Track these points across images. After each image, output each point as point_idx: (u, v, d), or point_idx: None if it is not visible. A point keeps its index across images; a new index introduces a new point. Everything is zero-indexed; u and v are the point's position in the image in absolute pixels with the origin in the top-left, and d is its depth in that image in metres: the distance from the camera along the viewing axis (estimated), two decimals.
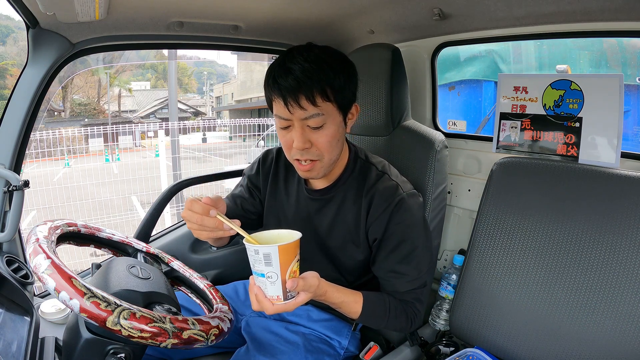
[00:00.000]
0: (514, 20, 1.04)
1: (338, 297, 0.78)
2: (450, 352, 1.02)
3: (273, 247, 0.61)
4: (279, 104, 0.76)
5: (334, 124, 0.78)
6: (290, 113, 0.75)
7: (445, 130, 1.36)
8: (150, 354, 0.91)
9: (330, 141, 0.79)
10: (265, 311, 0.66)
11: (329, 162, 0.82)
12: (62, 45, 1.01)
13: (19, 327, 0.77)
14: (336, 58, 0.78)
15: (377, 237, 0.86)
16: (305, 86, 0.73)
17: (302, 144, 0.77)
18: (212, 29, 1.20)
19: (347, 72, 0.79)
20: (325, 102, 0.75)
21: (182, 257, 1.37)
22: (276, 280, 0.63)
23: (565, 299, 0.85)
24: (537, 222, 0.92)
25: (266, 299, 0.65)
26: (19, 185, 0.98)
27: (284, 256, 0.62)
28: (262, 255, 0.61)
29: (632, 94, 1.98)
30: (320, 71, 0.74)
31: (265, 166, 1.01)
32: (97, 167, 6.39)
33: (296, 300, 0.66)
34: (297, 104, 0.74)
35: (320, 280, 0.72)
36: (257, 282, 0.66)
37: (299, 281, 0.65)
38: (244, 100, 17.78)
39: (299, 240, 0.64)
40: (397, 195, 0.84)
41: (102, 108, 19.29)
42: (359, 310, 0.81)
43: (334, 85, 0.76)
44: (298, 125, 0.76)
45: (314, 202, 0.93)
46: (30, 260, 0.61)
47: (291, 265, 0.63)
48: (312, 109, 0.74)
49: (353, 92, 0.82)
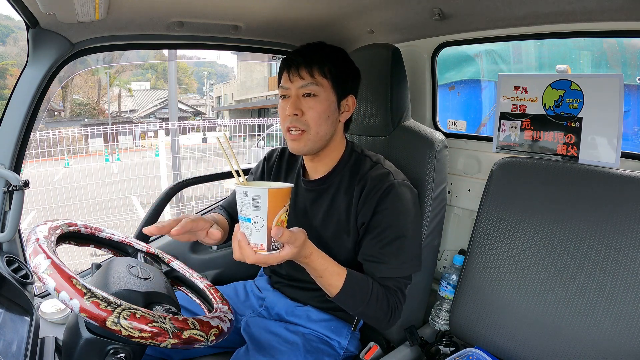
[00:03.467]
0: (514, 20, 1.04)
1: (322, 263, 0.75)
2: (450, 352, 1.03)
3: (263, 190, 0.60)
4: (284, 76, 0.89)
5: (326, 99, 0.87)
6: (290, 82, 0.87)
7: (445, 130, 1.36)
8: (150, 354, 0.91)
9: (319, 114, 0.87)
10: (247, 259, 0.64)
11: (315, 135, 0.88)
12: (62, 45, 1.01)
13: (19, 327, 0.77)
14: (343, 55, 0.92)
15: (365, 220, 0.86)
16: (308, 61, 0.86)
17: (293, 109, 0.86)
18: (212, 29, 1.20)
19: (348, 67, 0.92)
20: (322, 77, 0.87)
21: (182, 257, 1.37)
22: (262, 226, 0.62)
23: (565, 298, 0.85)
24: (537, 222, 0.92)
25: (248, 246, 0.63)
26: (19, 185, 0.98)
27: (273, 201, 0.61)
28: (251, 197, 0.60)
29: (632, 94, 1.98)
30: (324, 54, 0.88)
31: (270, 163, 1.07)
32: (97, 167, 6.39)
33: (280, 254, 0.65)
34: (298, 74, 0.86)
35: (307, 240, 0.70)
36: (241, 228, 0.64)
37: (285, 231, 0.63)
38: (244, 100, 17.79)
39: (290, 189, 0.64)
40: (387, 181, 0.86)
41: (102, 108, 19.29)
42: (340, 284, 0.77)
43: (334, 67, 0.88)
44: (294, 94, 0.87)
45: (310, 193, 0.95)
46: (30, 260, 0.61)
47: (279, 213, 0.62)
48: (309, 79, 0.86)
49: (351, 85, 0.92)
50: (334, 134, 0.91)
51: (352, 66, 0.93)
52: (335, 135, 0.92)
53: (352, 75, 0.93)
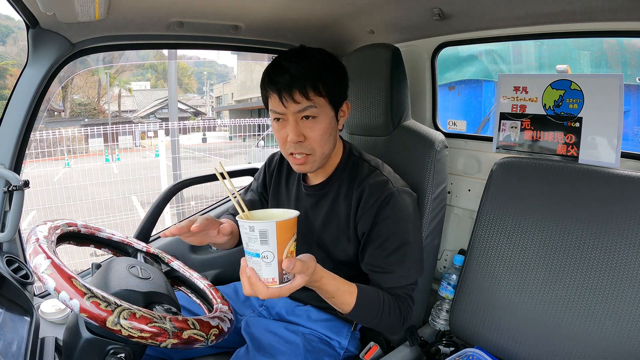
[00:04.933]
0: (514, 20, 1.04)
1: (333, 284, 0.74)
2: (450, 352, 1.03)
3: (270, 224, 0.57)
4: (274, 100, 0.81)
5: (326, 117, 0.83)
6: (284, 107, 0.80)
7: (445, 130, 1.36)
8: (150, 354, 0.91)
9: (322, 135, 0.83)
10: (259, 295, 0.61)
11: (321, 155, 0.85)
12: (62, 45, 1.01)
13: (19, 327, 0.77)
14: (327, 58, 0.84)
15: (365, 230, 0.86)
16: (299, 82, 0.78)
17: (296, 136, 0.81)
18: (212, 29, 1.20)
19: (337, 71, 0.85)
20: (318, 96, 0.81)
21: (182, 257, 1.37)
22: (272, 260, 0.59)
23: (565, 298, 0.85)
24: (537, 222, 0.92)
25: (260, 282, 0.61)
26: (19, 185, 0.98)
27: (282, 234, 0.58)
28: (258, 232, 0.57)
29: (632, 94, 1.98)
30: (313, 68, 0.80)
31: (271, 168, 1.07)
32: (97, 167, 6.37)
33: (292, 284, 0.63)
34: (292, 98, 0.79)
35: (317, 264, 0.70)
36: (250, 264, 0.61)
37: (296, 262, 0.61)
38: (244, 100, 17.78)
39: (296, 218, 0.61)
40: (386, 190, 0.85)
41: (102, 108, 19.29)
42: (352, 301, 0.77)
43: (326, 81, 0.81)
44: (292, 119, 0.81)
45: (310, 198, 0.95)
46: (30, 260, 0.61)
47: (289, 244, 0.60)
48: (305, 102, 0.80)
49: (343, 91, 0.88)
50: (336, 143, 0.89)
51: (339, 69, 0.86)
52: (336, 143, 0.90)
53: (342, 78, 0.87)
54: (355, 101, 1.12)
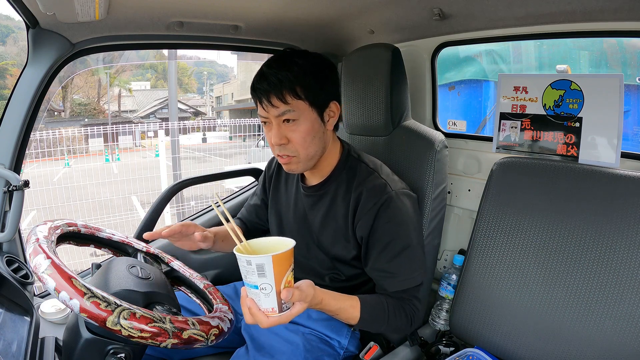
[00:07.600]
0: (514, 20, 1.04)
1: (334, 304, 0.76)
2: (450, 352, 1.03)
3: (267, 257, 0.58)
4: (259, 105, 0.85)
5: (307, 120, 0.84)
6: (266, 112, 0.83)
7: (445, 130, 1.36)
8: (150, 354, 0.91)
9: (304, 137, 0.84)
10: (260, 324, 0.63)
11: (305, 157, 0.86)
12: (62, 45, 1.01)
13: (19, 327, 0.77)
14: (310, 60, 0.85)
15: (364, 235, 0.86)
16: (276, 87, 0.81)
17: (278, 139, 0.84)
18: (212, 29, 1.20)
19: (321, 74, 0.85)
20: (296, 99, 0.82)
21: (182, 257, 1.36)
22: (270, 291, 0.60)
23: (565, 298, 0.85)
24: (537, 222, 0.92)
25: (260, 312, 0.63)
26: (19, 185, 0.98)
27: (279, 266, 0.59)
28: (255, 266, 0.58)
29: (632, 94, 1.98)
30: (289, 73, 0.81)
31: (270, 171, 1.09)
32: (97, 167, 6.37)
33: (291, 312, 0.64)
34: (270, 103, 0.82)
35: (316, 288, 0.71)
36: (249, 294, 0.63)
37: (294, 291, 0.62)
38: (244, 100, 17.76)
39: (292, 248, 0.61)
40: (384, 194, 0.85)
41: (102, 108, 19.29)
42: (357, 314, 0.79)
43: (304, 84, 0.82)
44: (275, 122, 0.84)
45: (308, 198, 0.95)
46: (30, 260, 0.61)
47: (286, 275, 0.60)
48: (284, 107, 0.81)
49: (329, 91, 0.87)
50: (325, 144, 0.89)
51: (325, 70, 0.86)
52: (326, 144, 0.90)
53: (328, 80, 0.86)
54: (355, 101, 1.12)
